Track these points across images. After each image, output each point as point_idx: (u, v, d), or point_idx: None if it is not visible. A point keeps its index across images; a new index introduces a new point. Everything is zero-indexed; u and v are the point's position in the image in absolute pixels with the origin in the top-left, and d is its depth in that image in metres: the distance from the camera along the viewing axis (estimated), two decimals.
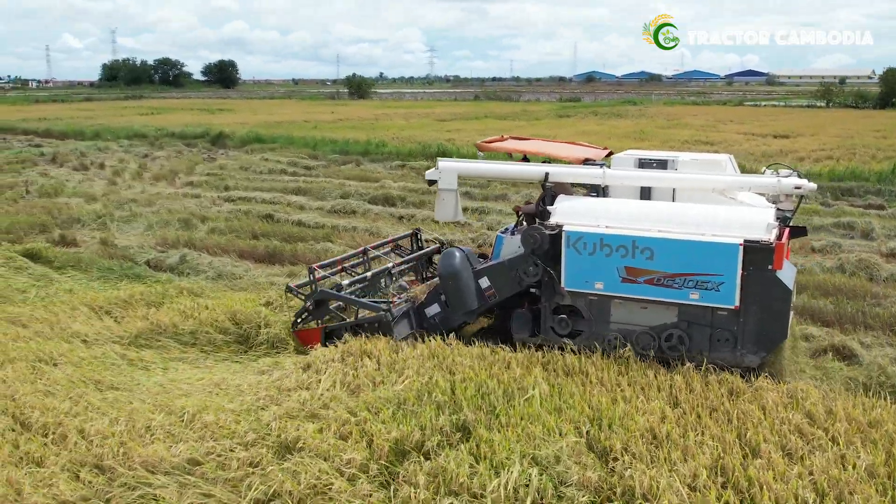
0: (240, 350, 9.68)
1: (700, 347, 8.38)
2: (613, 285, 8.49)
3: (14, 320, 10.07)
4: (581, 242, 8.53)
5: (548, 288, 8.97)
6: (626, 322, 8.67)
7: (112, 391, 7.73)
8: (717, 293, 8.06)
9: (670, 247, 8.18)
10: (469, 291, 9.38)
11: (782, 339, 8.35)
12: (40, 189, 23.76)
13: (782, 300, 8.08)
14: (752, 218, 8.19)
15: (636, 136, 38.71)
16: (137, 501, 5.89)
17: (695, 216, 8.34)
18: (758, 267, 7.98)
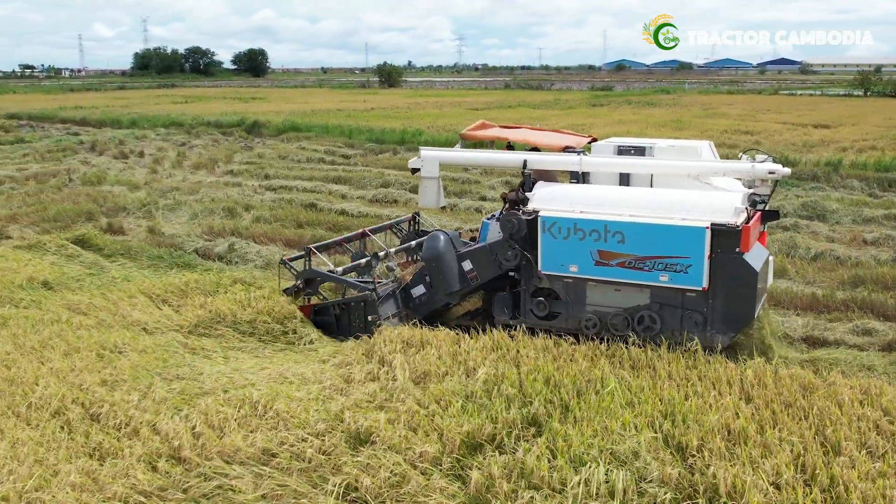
0: (297, 339, 9.67)
1: (672, 328, 8.60)
2: (587, 268, 8.77)
3: (73, 308, 10.14)
4: (556, 227, 8.80)
5: (526, 271, 9.27)
6: (601, 304, 8.92)
7: (178, 381, 7.73)
8: (686, 275, 8.27)
9: (640, 231, 8.41)
10: (452, 273, 9.72)
11: (750, 320, 8.52)
12: (83, 177, 23.98)
13: (749, 282, 8.23)
14: (720, 202, 8.38)
15: (673, 125, 38.25)
16: (214, 492, 5.88)
17: (664, 201, 8.55)
18: (725, 250, 8.18)
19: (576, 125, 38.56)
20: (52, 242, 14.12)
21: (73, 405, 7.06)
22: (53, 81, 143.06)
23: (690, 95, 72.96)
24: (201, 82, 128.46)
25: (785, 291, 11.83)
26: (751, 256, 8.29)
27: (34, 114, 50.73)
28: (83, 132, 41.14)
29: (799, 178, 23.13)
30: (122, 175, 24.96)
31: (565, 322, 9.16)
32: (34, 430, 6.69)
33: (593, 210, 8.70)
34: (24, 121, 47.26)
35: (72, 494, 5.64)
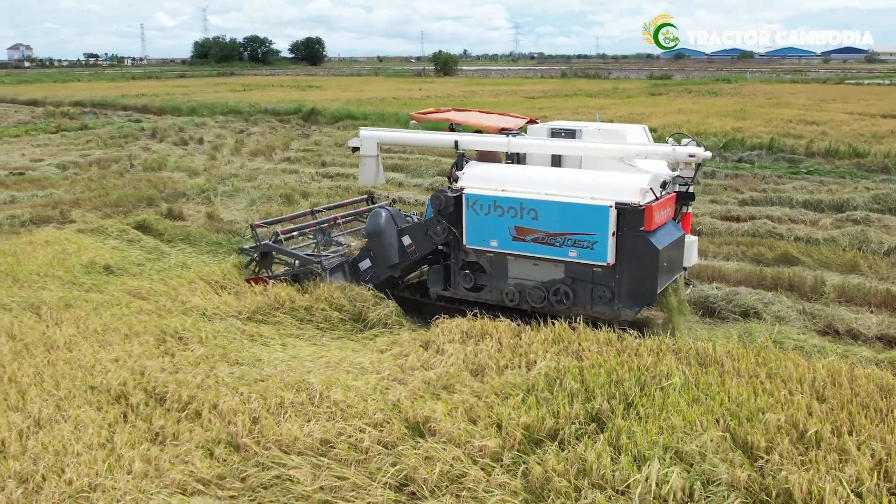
0: (354, 328, 9.60)
1: (583, 302, 9.07)
2: (506, 243, 9.26)
3: (134, 293, 10.22)
4: (478, 204, 9.29)
5: (454, 246, 9.81)
6: (522, 277, 9.43)
7: (238, 367, 7.71)
8: (592, 251, 8.70)
9: (551, 208, 8.85)
10: (392, 248, 10.35)
11: (653, 295, 8.84)
12: (144, 163, 24.36)
13: (652, 259, 8.59)
14: (626, 183, 8.73)
15: (735, 115, 37.35)
16: (272, 482, 5.81)
17: (575, 181, 9.01)
18: (630, 228, 8.57)
19: (634, 114, 37.93)
20: (113, 227, 14.31)
21: (135, 389, 7.08)
22: (116, 70, 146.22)
23: (752, 84, 71.23)
24: (259, 70, 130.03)
25: (857, 287, 11.39)
26: (655, 235, 8.65)
27: (97, 101, 51.84)
28: (144, 119, 41.89)
29: (868, 169, 22.37)
30: (182, 161, 25.29)
31: (490, 294, 9.69)
32: (97, 412, 6.71)
33: (512, 188, 9.18)
34: (87, 108, 48.33)
35: (132, 482, 5.62)
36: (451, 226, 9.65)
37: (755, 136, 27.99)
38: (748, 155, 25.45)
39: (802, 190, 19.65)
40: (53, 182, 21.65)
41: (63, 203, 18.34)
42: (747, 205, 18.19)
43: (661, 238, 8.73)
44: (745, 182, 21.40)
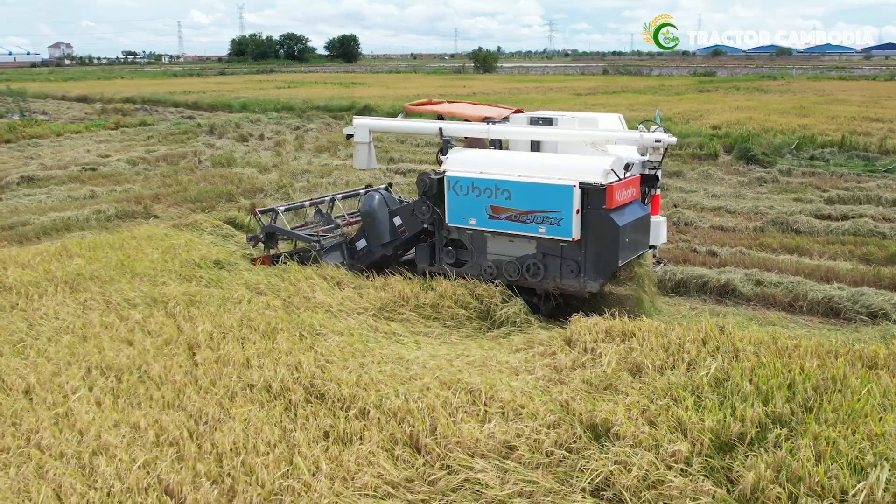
0: (482, 326, 9.39)
1: (553, 275, 9.79)
2: (483, 221, 9.99)
3: (253, 287, 10.09)
4: (459, 185, 10.06)
5: (438, 225, 10.57)
6: (499, 253, 10.16)
7: (385, 364, 7.52)
8: (559, 227, 9.40)
9: (522, 188, 9.58)
10: (384, 228, 11.25)
11: (615, 268, 9.62)
12: (212, 159, 24.39)
13: (612, 235, 9.30)
14: (590, 164, 9.49)
15: (796, 112, 36.69)
16: (461, 486, 5.61)
17: (544, 163, 9.77)
18: (593, 206, 9.30)
19: (690, 111, 37.42)
20: (207, 222, 14.24)
21: (295, 386, 6.92)
22: (154, 67, 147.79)
23: (799, 81, 70.09)
24: (298, 68, 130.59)
25: None
26: (617, 213, 9.36)
27: (147, 98, 52.23)
28: (197, 115, 42.13)
29: None
30: (248, 157, 25.29)
31: (471, 269, 10.40)
32: (260, 410, 6.56)
33: (488, 171, 9.94)
34: (138, 104, 48.70)
35: (326, 484, 5.45)
36: (435, 206, 10.44)
37: (822, 134, 27.42)
38: (820, 152, 24.91)
39: (888, 188, 19.16)
40: (126, 177, 21.73)
41: (143, 198, 18.38)
42: (835, 203, 17.74)
43: (624, 215, 9.48)
44: (823, 180, 20.92)
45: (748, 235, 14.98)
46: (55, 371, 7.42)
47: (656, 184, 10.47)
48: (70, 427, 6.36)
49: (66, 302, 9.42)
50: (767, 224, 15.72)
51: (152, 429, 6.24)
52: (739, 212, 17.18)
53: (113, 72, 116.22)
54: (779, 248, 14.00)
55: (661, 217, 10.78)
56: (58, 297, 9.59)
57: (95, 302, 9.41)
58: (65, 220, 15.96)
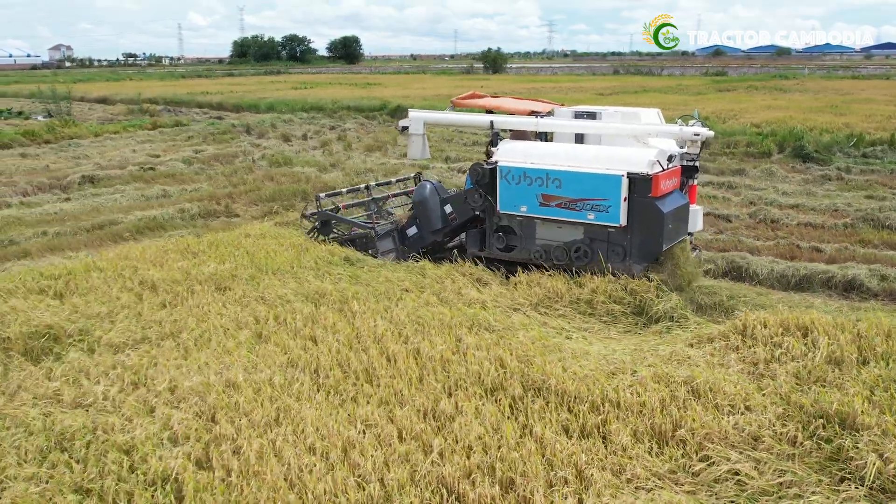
0: (638, 322, 9.34)
1: (600, 259, 10.20)
2: (534, 208, 10.54)
3: (396, 282, 10.00)
4: (511, 175, 10.61)
5: (490, 212, 11.07)
6: (547, 238, 10.66)
7: (581, 358, 7.46)
8: (607, 214, 9.96)
9: (573, 177, 10.12)
10: (436, 215, 11.82)
11: (658, 252, 10.11)
12: (268, 159, 24.29)
13: (657, 221, 9.83)
14: (636, 156, 10.01)
15: (830, 110, 36.80)
16: (724, 477, 5.57)
17: (593, 154, 10.30)
18: (640, 194, 9.83)
19: (721, 111, 37.48)
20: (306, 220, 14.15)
21: (509, 380, 6.85)
22: (156, 69, 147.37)
23: (813, 80, 70.19)
24: (302, 69, 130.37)
25: None
26: (661, 201, 9.89)
27: (169, 98, 52.06)
28: (225, 116, 42.01)
29: None
30: (301, 157, 25.21)
31: (520, 254, 10.93)
32: (482, 404, 6.50)
33: (539, 161, 10.48)
34: (161, 105, 48.52)
35: (599, 476, 5.40)
36: (487, 194, 10.93)
37: (867, 132, 27.47)
38: (871, 150, 24.96)
39: None
40: (188, 176, 21.64)
41: (218, 197, 18.29)
42: None
43: (667, 203, 9.99)
44: (885, 178, 20.92)
45: (842, 232, 14.97)
46: (248, 366, 7.35)
47: (694, 174, 10.94)
48: (294, 422, 6.28)
49: (220, 300, 9.34)
50: (857, 221, 15.71)
51: (389, 424, 6.17)
52: (818, 209, 17.18)
53: (117, 73, 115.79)
54: (880, 244, 14.00)
55: (698, 206, 11.30)
56: (208, 295, 9.50)
57: (249, 299, 9.33)
58: (152, 219, 15.87)
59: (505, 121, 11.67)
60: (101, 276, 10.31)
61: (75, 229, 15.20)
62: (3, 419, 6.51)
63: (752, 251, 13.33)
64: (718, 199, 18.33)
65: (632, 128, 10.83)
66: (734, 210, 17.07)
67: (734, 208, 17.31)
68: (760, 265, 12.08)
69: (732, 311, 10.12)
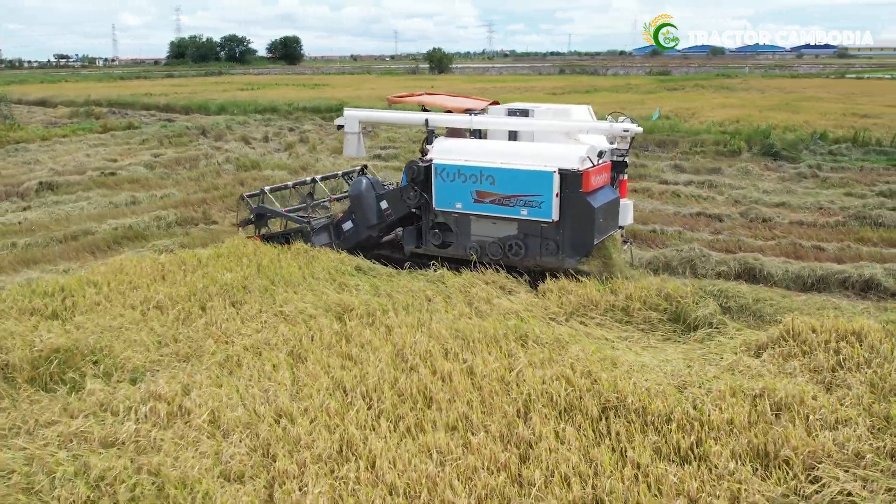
0: (676, 329, 9.00)
1: (534, 254, 10.47)
2: (468, 205, 10.64)
3: (421, 294, 9.49)
4: (445, 172, 10.67)
5: (425, 209, 11.16)
6: (482, 234, 10.80)
7: (637, 372, 7.06)
8: (540, 209, 10.08)
9: (506, 174, 10.24)
10: (371, 211, 11.79)
11: (591, 247, 10.29)
12: (236, 162, 23.45)
13: (589, 216, 10.02)
14: (567, 152, 10.17)
15: (785, 108, 37.41)
16: (836, 499, 5.23)
17: (526, 151, 10.47)
18: (571, 189, 10.00)
19: (678, 109, 37.71)
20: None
21: (579, 399, 6.40)
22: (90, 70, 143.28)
23: (756, 79, 71.70)
24: (244, 69, 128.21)
25: None
26: (592, 195, 10.08)
27: (113, 100, 50.35)
28: (174, 118, 40.73)
29: None
30: (266, 160, 24.40)
31: (456, 250, 11.06)
32: (569, 427, 6.05)
33: (473, 158, 10.56)
34: (106, 108, 46.83)
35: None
36: (423, 191, 10.99)
37: (828, 130, 27.88)
38: (837, 148, 25.29)
39: None
40: (154, 182, 20.69)
41: (192, 203, 17.48)
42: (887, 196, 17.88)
43: (597, 198, 10.19)
44: (858, 175, 21.12)
45: (838, 230, 14.95)
46: (293, 391, 6.77)
47: (624, 170, 11.15)
48: (363, 456, 5.74)
49: (237, 316, 8.69)
50: (849, 219, 15.73)
51: (468, 454, 5.68)
52: (805, 207, 17.19)
53: (50, 75, 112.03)
54: (880, 242, 13.98)
55: (628, 200, 11.48)
56: (222, 311, 8.85)
57: (267, 314, 8.71)
58: (128, 228, 15.01)
59: (439, 118, 11.73)
60: (98, 292, 9.55)
61: (47, 240, 14.26)
62: (29, 463, 5.80)
63: (757, 251, 13.15)
64: (704, 199, 18.22)
65: (563, 124, 11.10)
66: (723, 209, 16.95)
67: (723, 208, 17.20)
68: (774, 267, 11.88)
69: (760, 315, 9.90)
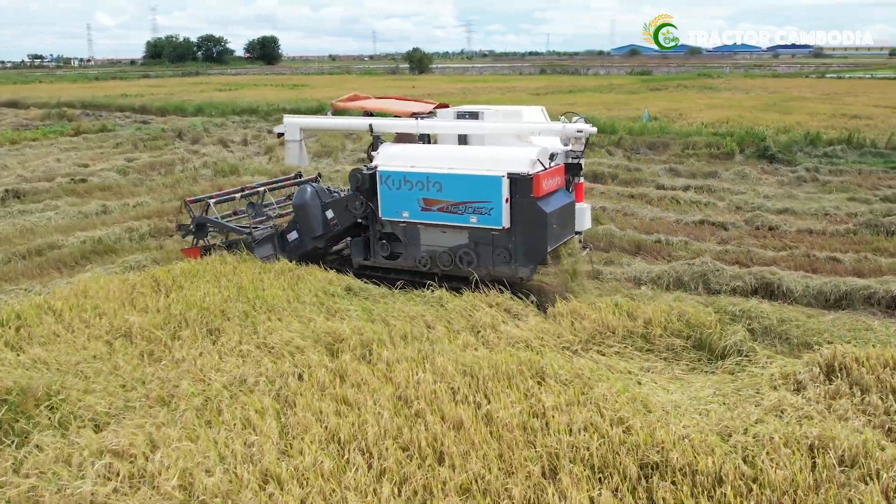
0: (702, 357, 8.16)
1: (486, 263, 10.00)
2: (416, 214, 10.20)
3: (419, 320, 8.59)
4: (391, 180, 10.22)
5: (372, 218, 10.68)
6: (432, 244, 10.31)
7: (671, 415, 6.21)
8: (489, 217, 9.67)
9: (452, 180, 9.80)
10: (317, 221, 11.22)
11: (544, 254, 9.81)
12: (214, 167, 22.46)
13: (540, 222, 9.57)
14: (517, 156, 9.78)
15: (774, 108, 36.86)
16: None
17: (473, 155, 10.09)
18: (521, 194, 9.53)
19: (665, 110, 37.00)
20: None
21: (619, 452, 5.53)
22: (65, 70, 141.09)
23: (737, 79, 71.36)
24: (220, 69, 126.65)
25: None
26: (544, 201, 9.64)
27: (87, 102, 49.01)
28: (150, 120, 39.58)
29: None
30: (246, 164, 23.43)
31: (405, 261, 10.58)
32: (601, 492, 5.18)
33: (419, 164, 10.09)
34: (79, 109, 45.49)
35: None
36: (368, 200, 10.50)
37: (821, 131, 27.29)
38: (832, 150, 24.65)
39: None
40: (127, 189, 19.65)
41: (167, 213, 16.47)
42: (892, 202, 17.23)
43: (550, 203, 9.75)
44: (858, 178, 20.48)
45: (850, 239, 14.21)
46: (282, 445, 5.86)
47: (579, 172, 10.67)
48: None
49: (215, 349, 7.75)
50: (859, 227, 15.01)
51: None
52: (810, 213, 16.47)
53: (24, 76, 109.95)
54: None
55: (585, 204, 11.05)
56: (198, 342, 7.90)
57: (250, 347, 7.77)
58: (98, 241, 13.98)
59: (384, 123, 11.31)
60: (58, 320, 8.57)
61: (9, 255, 13.21)
62: None
63: (771, 263, 12.36)
64: (705, 205, 17.46)
65: (514, 127, 10.76)
66: (727, 217, 16.19)
67: (726, 215, 16.44)
68: (793, 282, 11.08)
69: (787, 338, 9.13)
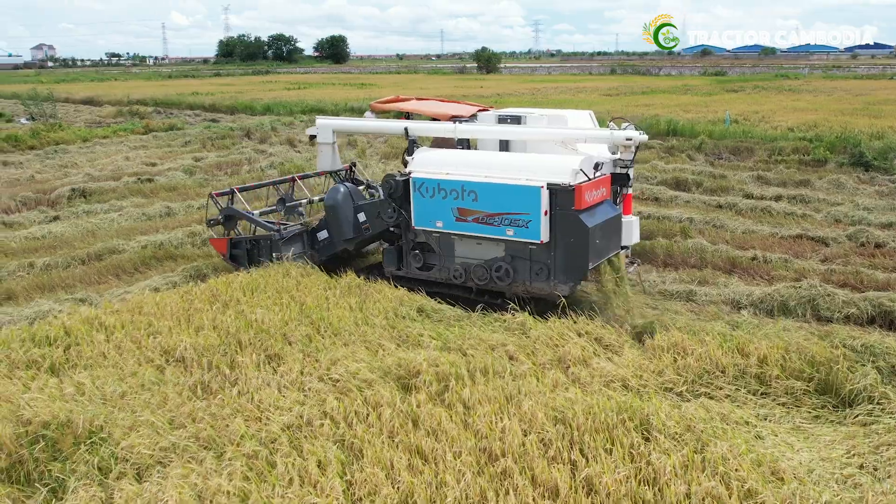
0: (826, 403, 7.07)
1: (523, 278, 9.44)
2: (450, 224, 9.66)
3: (500, 349, 7.69)
4: (424, 187, 9.69)
5: (405, 227, 10.18)
6: (467, 256, 9.80)
7: (808, 484, 5.19)
8: (527, 230, 9.08)
9: (489, 189, 9.24)
10: (348, 222, 10.71)
11: (585, 271, 9.15)
12: (280, 168, 21.94)
13: (582, 236, 8.90)
14: (558, 164, 9.14)
15: (865, 112, 34.84)
16: None
17: (512, 163, 9.45)
18: (562, 207, 8.95)
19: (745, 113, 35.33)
20: None
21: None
22: (140, 69, 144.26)
23: (817, 80, 68.46)
24: (290, 69, 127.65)
25: None
26: (586, 214, 9.00)
27: (160, 100, 49.44)
28: (219, 118, 39.57)
29: None
30: (312, 164, 22.81)
31: (439, 273, 10.06)
32: None
33: (455, 172, 9.55)
34: (152, 107, 45.87)
35: None
36: (401, 208, 10.04)
37: None
38: None
39: None
40: (192, 189, 19.33)
41: None
42: None
43: (593, 216, 9.14)
44: None
45: None
46: None
47: (628, 183, 10.00)
48: None
49: (273, 380, 6.98)
50: None
51: None
52: None
53: (101, 74, 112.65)
54: None
55: (633, 216, 10.41)
56: (258, 372, 7.14)
57: (311, 378, 6.97)
58: (159, 246, 13.46)
59: (420, 127, 10.83)
60: (108, 338, 7.92)
61: (68, 260, 12.77)
62: None
63: (886, 288, 11.11)
64: (800, 217, 16.13)
65: (558, 132, 10.17)
66: (828, 231, 14.86)
67: (826, 229, 15.11)
68: None
69: None
